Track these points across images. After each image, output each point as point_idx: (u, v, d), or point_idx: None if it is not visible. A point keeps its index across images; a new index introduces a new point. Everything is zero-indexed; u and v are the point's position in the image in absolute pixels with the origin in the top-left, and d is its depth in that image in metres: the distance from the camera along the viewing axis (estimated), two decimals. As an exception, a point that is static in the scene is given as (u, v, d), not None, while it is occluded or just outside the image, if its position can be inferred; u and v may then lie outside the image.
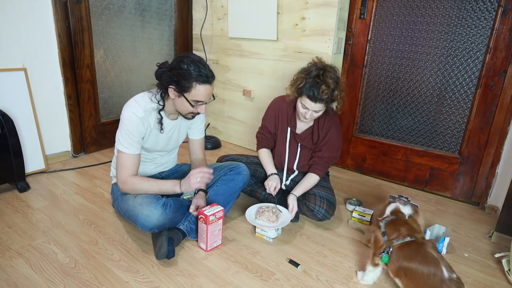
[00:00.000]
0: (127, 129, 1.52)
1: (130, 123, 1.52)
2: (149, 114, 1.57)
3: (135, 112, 1.52)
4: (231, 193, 1.81)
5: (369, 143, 2.58)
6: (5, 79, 2.16)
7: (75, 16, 2.40)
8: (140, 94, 1.60)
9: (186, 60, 1.46)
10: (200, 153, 1.88)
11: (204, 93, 1.50)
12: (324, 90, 1.66)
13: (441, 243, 1.70)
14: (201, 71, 1.46)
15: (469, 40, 2.08)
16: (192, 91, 1.48)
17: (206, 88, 1.49)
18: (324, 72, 1.70)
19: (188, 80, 1.45)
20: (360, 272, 1.52)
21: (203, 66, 1.48)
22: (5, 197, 2.02)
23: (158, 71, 1.55)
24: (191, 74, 1.45)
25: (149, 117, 1.57)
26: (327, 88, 1.67)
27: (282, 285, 1.46)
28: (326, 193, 1.87)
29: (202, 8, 3.07)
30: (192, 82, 1.46)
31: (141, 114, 1.53)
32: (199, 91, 1.48)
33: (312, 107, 1.72)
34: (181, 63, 1.46)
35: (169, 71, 1.49)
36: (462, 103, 2.19)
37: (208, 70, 1.49)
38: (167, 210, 1.55)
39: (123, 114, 1.53)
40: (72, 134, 2.60)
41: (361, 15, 2.39)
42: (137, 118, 1.52)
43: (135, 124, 1.52)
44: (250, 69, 2.89)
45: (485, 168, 2.18)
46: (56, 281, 1.40)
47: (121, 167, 1.57)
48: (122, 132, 1.54)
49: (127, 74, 2.88)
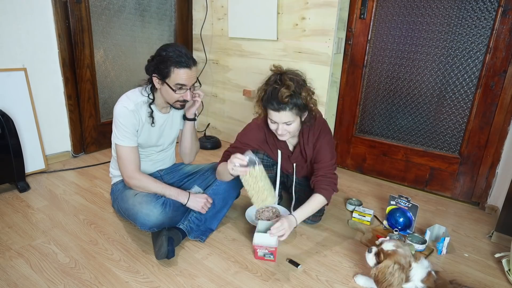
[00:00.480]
0: (120, 123, 1.56)
1: (122, 116, 1.55)
2: (139, 107, 1.60)
3: (126, 105, 1.56)
4: (230, 192, 1.80)
5: (369, 143, 2.58)
6: (5, 79, 2.16)
7: (75, 16, 2.40)
8: (132, 90, 1.65)
9: (165, 47, 1.51)
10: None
11: (184, 76, 1.51)
12: (284, 94, 1.43)
13: (441, 243, 1.70)
14: (178, 55, 1.48)
15: (469, 40, 2.08)
16: (172, 76, 1.50)
17: (185, 71, 1.50)
18: (281, 75, 1.50)
19: (166, 65, 1.48)
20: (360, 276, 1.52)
21: (181, 51, 1.49)
22: (5, 197, 2.02)
23: (146, 65, 1.58)
24: (169, 59, 1.47)
25: (140, 110, 1.60)
26: (288, 90, 1.44)
27: (282, 285, 1.46)
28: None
29: (202, 8, 3.07)
30: (170, 66, 1.48)
31: (131, 107, 1.56)
32: (178, 74, 1.50)
33: (279, 119, 1.50)
34: (161, 51, 1.50)
35: (152, 60, 1.53)
36: (462, 103, 2.19)
37: (185, 52, 1.50)
38: (166, 209, 1.55)
39: (115, 109, 1.57)
40: (72, 134, 2.60)
41: (361, 15, 2.39)
42: (128, 111, 1.55)
43: (127, 117, 1.56)
44: (250, 69, 2.89)
45: (485, 168, 2.18)
46: (56, 281, 1.40)
47: (123, 161, 1.60)
48: (117, 127, 1.58)
49: (127, 74, 2.88)
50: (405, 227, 1.84)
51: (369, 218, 1.94)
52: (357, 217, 1.96)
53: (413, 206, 1.82)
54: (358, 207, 2.01)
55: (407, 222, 1.84)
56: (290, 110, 1.48)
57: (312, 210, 1.64)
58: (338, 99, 2.63)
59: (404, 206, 1.85)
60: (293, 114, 1.50)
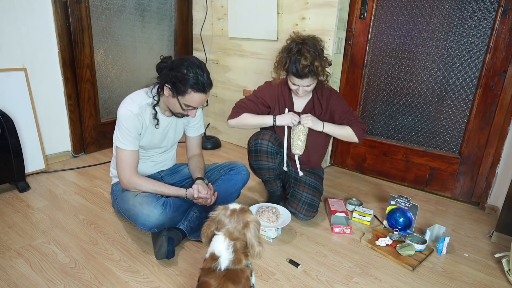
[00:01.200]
0: (123, 126, 1.54)
1: (126, 120, 1.54)
2: (144, 110, 1.58)
3: (130, 109, 1.54)
4: (230, 192, 1.81)
5: (369, 143, 2.58)
6: (5, 79, 2.16)
7: (75, 16, 2.40)
8: (137, 91, 1.62)
9: (187, 64, 1.46)
10: (197, 149, 1.89)
11: (198, 100, 1.51)
12: (304, 66, 1.65)
13: (441, 243, 1.70)
14: (199, 79, 1.45)
15: (469, 40, 2.08)
16: (186, 96, 1.48)
17: (200, 96, 1.49)
18: (302, 46, 1.68)
19: (185, 85, 1.45)
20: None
21: (202, 73, 1.47)
22: (5, 197, 2.02)
23: (160, 65, 1.56)
24: (189, 80, 1.44)
25: (144, 113, 1.58)
26: (306, 61, 1.65)
27: (282, 285, 1.46)
28: (311, 196, 1.89)
29: (202, 8, 3.07)
30: (187, 88, 1.46)
31: (136, 110, 1.54)
32: (193, 97, 1.48)
33: (301, 83, 1.73)
34: (182, 66, 1.45)
35: (169, 70, 1.49)
36: (462, 103, 2.19)
37: (206, 78, 1.48)
38: (166, 209, 1.55)
39: (119, 111, 1.56)
40: (72, 134, 2.60)
41: (361, 15, 2.39)
42: (132, 115, 1.54)
43: (131, 120, 1.54)
44: (250, 69, 2.89)
45: (485, 168, 2.18)
46: (56, 281, 1.40)
47: (122, 164, 1.59)
48: (119, 130, 1.56)
49: (127, 74, 2.88)
50: (405, 227, 1.84)
51: (369, 218, 1.94)
52: (357, 217, 1.96)
53: (413, 206, 1.82)
54: (358, 207, 2.01)
55: (407, 222, 1.84)
56: (310, 77, 1.71)
57: (340, 131, 1.88)
58: (338, 99, 2.63)
59: (404, 206, 1.85)
60: (312, 79, 1.74)
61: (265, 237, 1.75)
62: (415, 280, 1.53)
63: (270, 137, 1.85)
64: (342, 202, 2.03)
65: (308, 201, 1.87)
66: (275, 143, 1.86)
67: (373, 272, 1.57)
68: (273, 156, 1.87)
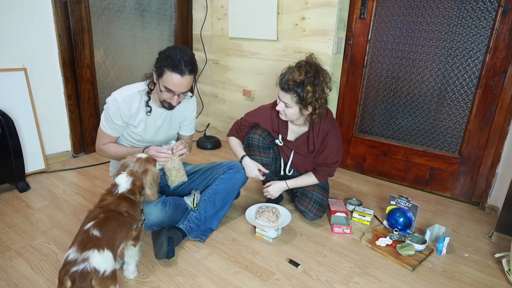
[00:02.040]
0: (107, 112, 1.60)
1: (109, 106, 1.59)
2: (132, 97, 1.60)
3: (116, 95, 1.58)
4: (230, 191, 1.80)
5: (369, 143, 2.58)
6: (5, 79, 2.16)
7: (75, 16, 2.40)
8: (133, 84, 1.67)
9: (172, 47, 1.50)
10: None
11: (173, 82, 1.48)
12: (290, 79, 1.56)
13: (441, 243, 1.70)
14: (175, 58, 1.45)
15: (469, 40, 2.08)
16: (164, 77, 1.49)
17: (176, 77, 1.47)
18: (304, 64, 1.61)
19: (163, 64, 1.48)
20: None
21: (183, 55, 1.46)
22: (5, 197, 2.02)
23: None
24: (167, 60, 1.46)
25: (132, 101, 1.60)
26: (295, 78, 1.56)
27: (282, 285, 1.46)
28: (321, 196, 1.90)
29: (202, 8, 3.07)
30: (165, 67, 1.47)
31: (120, 98, 1.57)
32: (168, 77, 1.48)
33: (281, 97, 1.64)
34: (167, 49, 1.50)
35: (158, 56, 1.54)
36: (462, 103, 2.19)
37: (185, 60, 1.46)
38: (166, 207, 1.56)
39: (108, 98, 1.61)
40: (72, 134, 2.60)
41: (361, 15, 2.39)
42: (115, 101, 1.57)
43: (111, 107, 1.58)
44: (250, 69, 2.89)
45: (485, 168, 2.18)
46: (56, 281, 1.40)
47: (99, 137, 1.69)
48: (104, 113, 1.62)
49: (127, 74, 2.88)
50: (405, 227, 1.84)
51: (369, 218, 1.94)
52: (357, 217, 1.96)
53: (413, 206, 1.82)
54: (358, 207, 2.01)
55: (407, 222, 1.84)
56: (291, 95, 1.59)
57: (304, 183, 1.89)
58: (338, 99, 2.63)
59: (404, 206, 1.85)
60: (292, 101, 1.61)
61: (265, 237, 1.75)
62: (415, 280, 1.53)
63: (262, 132, 1.87)
64: (342, 202, 2.03)
65: (319, 200, 1.88)
66: (266, 138, 1.87)
67: (373, 272, 1.57)
68: (265, 150, 1.89)
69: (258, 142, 1.86)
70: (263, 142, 1.86)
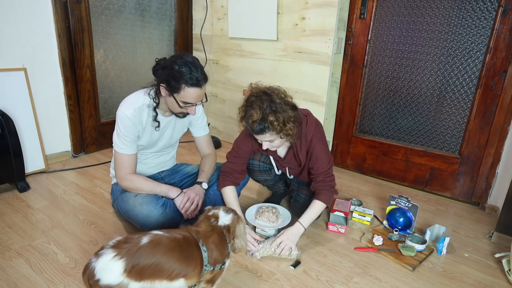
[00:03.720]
0: (120, 130, 1.54)
1: (122, 123, 1.54)
2: (140, 111, 1.56)
3: (125, 111, 1.53)
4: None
5: (369, 143, 2.58)
6: (5, 79, 2.16)
7: (75, 16, 2.40)
8: (135, 92, 1.61)
9: (179, 61, 1.45)
10: (207, 148, 1.88)
11: (193, 96, 1.48)
12: (253, 121, 1.45)
13: (441, 243, 1.70)
14: (192, 74, 1.44)
15: (469, 40, 2.08)
16: (181, 93, 1.47)
17: (195, 91, 1.47)
18: (255, 99, 1.48)
19: (178, 81, 1.44)
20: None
21: (196, 68, 1.45)
22: (5, 197, 2.02)
23: (155, 67, 1.55)
24: (182, 76, 1.43)
25: (141, 114, 1.57)
26: (254, 117, 1.45)
27: (282, 285, 1.46)
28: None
29: (202, 8, 3.07)
30: (181, 84, 1.44)
31: (130, 113, 1.53)
32: (188, 93, 1.47)
33: (260, 138, 1.54)
34: (174, 63, 1.45)
35: (162, 69, 1.49)
36: (462, 103, 2.19)
37: (200, 72, 1.46)
38: (167, 210, 1.55)
39: (117, 114, 1.55)
40: (72, 134, 2.60)
41: (361, 15, 2.39)
42: (127, 118, 1.53)
43: (126, 124, 1.53)
44: (250, 69, 2.88)
45: (485, 168, 2.18)
46: (56, 281, 1.40)
47: (119, 166, 1.59)
48: (117, 133, 1.56)
49: (127, 74, 2.88)
50: (405, 227, 1.84)
51: (369, 218, 1.94)
52: (357, 217, 1.96)
53: (413, 206, 1.82)
54: (358, 207, 2.01)
55: (407, 222, 1.84)
56: (264, 134, 1.49)
57: (316, 214, 1.69)
58: (338, 99, 2.63)
59: (404, 206, 1.85)
60: (271, 136, 1.51)
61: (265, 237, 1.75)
62: (415, 280, 1.53)
63: (260, 157, 1.84)
64: (349, 204, 1.99)
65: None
66: (265, 161, 1.85)
67: (373, 272, 1.57)
68: (267, 172, 1.87)
69: (259, 168, 1.85)
70: (264, 166, 1.85)
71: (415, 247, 1.68)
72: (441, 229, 1.79)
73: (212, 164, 1.84)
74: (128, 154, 1.58)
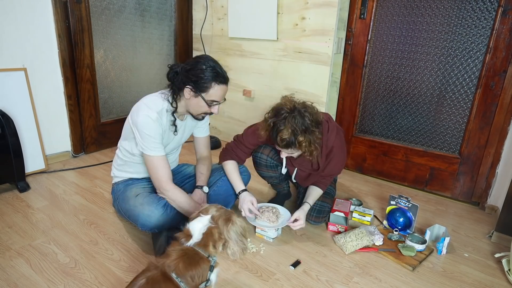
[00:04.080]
0: (146, 134, 1.50)
1: (147, 127, 1.50)
2: (162, 114, 1.56)
3: (149, 114, 1.50)
4: (231, 193, 1.81)
5: (369, 143, 2.58)
6: (5, 79, 2.16)
7: (75, 16, 2.40)
8: (148, 96, 1.58)
9: (203, 61, 1.50)
10: (205, 150, 1.89)
11: (221, 93, 1.54)
12: (282, 138, 1.48)
13: (441, 243, 1.70)
14: (218, 71, 1.51)
15: (469, 40, 2.08)
16: (210, 91, 1.51)
17: (222, 88, 1.54)
18: (288, 116, 1.49)
19: (206, 80, 1.49)
20: None
21: (220, 67, 1.53)
22: (5, 197, 2.02)
23: (171, 72, 1.55)
24: (210, 75, 1.49)
25: (162, 118, 1.56)
26: (285, 135, 1.47)
27: (282, 285, 1.46)
28: (320, 202, 1.88)
29: (202, 8, 3.07)
30: (211, 82, 1.49)
31: (154, 116, 1.51)
32: (217, 91, 1.52)
33: (284, 151, 1.58)
34: (199, 64, 1.49)
35: (186, 72, 1.51)
36: (462, 103, 2.19)
37: (224, 71, 1.54)
38: (167, 210, 1.55)
39: (138, 119, 1.50)
40: (72, 134, 2.60)
41: (361, 15, 2.39)
42: (152, 121, 1.50)
43: (152, 127, 1.51)
44: (250, 69, 2.89)
45: (485, 168, 2.18)
46: (56, 281, 1.40)
47: (156, 171, 1.55)
48: (143, 138, 1.52)
49: (127, 74, 2.88)
50: (405, 227, 1.84)
51: (369, 218, 1.94)
52: (357, 217, 1.96)
53: (413, 206, 1.82)
54: (358, 207, 2.01)
55: (407, 222, 1.84)
56: (290, 149, 1.55)
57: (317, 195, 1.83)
58: (338, 99, 2.63)
59: (404, 206, 1.85)
60: (296, 150, 1.56)
61: (265, 237, 1.75)
62: (415, 280, 1.53)
63: (269, 152, 1.85)
64: (349, 204, 2.00)
65: (317, 207, 1.87)
66: (273, 157, 1.86)
67: (373, 272, 1.57)
68: (273, 168, 1.89)
69: (266, 162, 1.86)
70: (271, 161, 1.86)
71: (415, 247, 1.68)
72: (441, 229, 1.79)
73: (210, 167, 1.86)
74: (160, 156, 1.55)
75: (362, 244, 1.69)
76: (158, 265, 1.04)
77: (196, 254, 1.08)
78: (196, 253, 1.08)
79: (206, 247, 1.10)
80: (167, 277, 1.01)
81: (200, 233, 1.11)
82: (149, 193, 1.62)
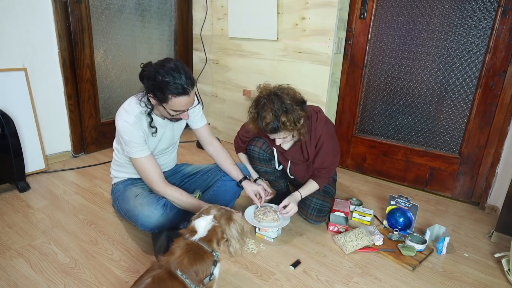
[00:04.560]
0: (126, 139, 1.51)
1: (125, 132, 1.50)
2: (140, 118, 1.53)
3: (126, 119, 1.50)
4: (231, 193, 1.81)
5: (369, 143, 2.58)
6: (5, 79, 2.16)
7: (75, 16, 2.40)
8: (128, 100, 1.57)
9: (161, 70, 1.39)
10: (209, 137, 1.84)
11: (182, 104, 1.45)
12: (267, 123, 1.51)
13: (441, 243, 1.70)
14: (176, 82, 1.38)
15: (469, 40, 2.08)
16: (169, 102, 1.43)
17: (183, 99, 1.43)
18: (266, 101, 1.53)
19: (164, 92, 1.40)
20: None
21: (179, 75, 1.39)
22: (5, 197, 2.02)
23: (142, 74, 1.49)
24: (166, 86, 1.38)
25: (142, 121, 1.54)
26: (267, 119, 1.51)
27: (282, 285, 1.46)
28: (321, 201, 1.88)
29: (202, 8, 3.07)
30: (167, 94, 1.40)
31: (131, 120, 1.50)
32: (175, 102, 1.43)
33: (274, 136, 1.61)
34: (156, 74, 1.39)
35: (147, 80, 1.44)
36: (462, 103, 2.19)
37: (184, 78, 1.40)
38: (167, 210, 1.55)
39: (117, 125, 1.51)
40: (72, 134, 2.60)
41: (361, 15, 2.39)
42: (129, 125, 1.49)
43: (130, 131, 1.50)
44: (250, 69, 2.89)
45: (485, 168, 2.18)
46: (56, 281, 1.40)
47: (144, 172, 1.56)
48: (124, 143, 1.53)
49: (127, 74, 2.88)
50: (405, 227, 1.84)
51: (369, 218, 1.94)
52: (357, 217, 1.96)
53: (413, 206, 1.82)
54: (358, 207, 2.01)
55: (407, 222, 1.84)
56: (278, 133, 1.56)
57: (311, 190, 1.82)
58: (338, 99, 2.63)
59: (404, 206, 1.85)
60: (284, 133, 1.57)
61: (266, 237, 1.75)
62: (415, 280, 1.53)
63: (262, 144, 1.86)
64: (348, 204, 2.00)
65: (318, 207, 1.87)
66: (266, 150, 1.86)
67: (373, 272, 1.57)
68: (266, 162, 1.89)
69: (259, 155, 1.87)
70: (264, 154, 1.86)
71: (415, 247, 1.68)
72: (441, 229, 1.80)
73: (228, 153, 1.84)
74: (145, 157, 1.54)
75: (362, 244, 1.70)
76: (162, 263, 1.05)
77: (201, 248, 1.11)
78: (200, 248, 1.11)
79: (210, 243, 1.14)
80: (173, 274, 1.03)
81: (206, 229, 1.16)
82: (149, 193, 1.62)
